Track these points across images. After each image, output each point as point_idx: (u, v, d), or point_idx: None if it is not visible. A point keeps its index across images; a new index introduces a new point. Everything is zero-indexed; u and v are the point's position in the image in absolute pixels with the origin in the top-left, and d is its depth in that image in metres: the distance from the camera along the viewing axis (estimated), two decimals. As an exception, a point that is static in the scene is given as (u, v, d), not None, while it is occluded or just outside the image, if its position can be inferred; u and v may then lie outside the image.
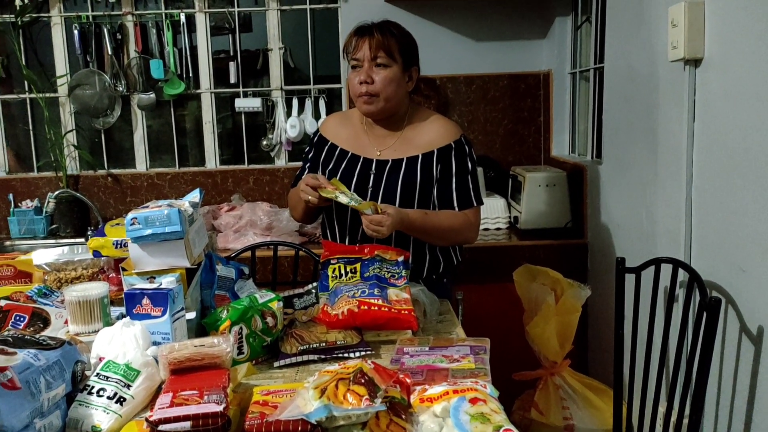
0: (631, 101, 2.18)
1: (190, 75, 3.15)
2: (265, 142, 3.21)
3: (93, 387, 1.10)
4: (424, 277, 1.88)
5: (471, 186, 1.86)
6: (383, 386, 1.06)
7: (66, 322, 1.36)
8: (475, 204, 1.86)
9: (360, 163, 1.88)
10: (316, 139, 1.98)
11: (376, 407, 0.99)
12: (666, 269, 1.74)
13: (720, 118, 1.63)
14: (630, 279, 1.84)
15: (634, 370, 1.79)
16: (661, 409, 1.75)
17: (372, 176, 1.85)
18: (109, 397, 1.09)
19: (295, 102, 3.16)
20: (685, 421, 1.57)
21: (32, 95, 3.13)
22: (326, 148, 1.94)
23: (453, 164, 1.85)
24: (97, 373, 1.13)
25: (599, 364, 2.55)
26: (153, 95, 3.15)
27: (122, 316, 1.31)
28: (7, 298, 1.40)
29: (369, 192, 1.84)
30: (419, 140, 1.87)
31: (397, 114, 1.88)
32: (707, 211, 1.70)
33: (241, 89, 3.19)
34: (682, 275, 1.72)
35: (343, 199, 1.69)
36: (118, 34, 3.11)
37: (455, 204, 1.83)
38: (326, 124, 2.01)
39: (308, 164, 1.96)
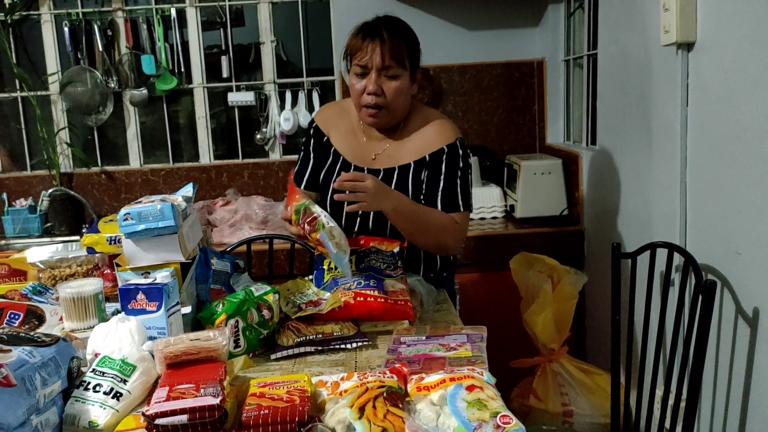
0: (624, 87, 2.17)
1: (182, 70, 3.14)
2: (259, 136, 3.20)
3: (89, 383, 1.10)
4: (422, 274, 1.82)
5: (459, 189, 1.75)
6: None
7: (61, 319, 1.35)
8: (461, 209, 1.74)
9: (352, 172, 1.80)
10: (312, 130, 1.91)
11: None
12: (661, 253, 1.75)
13: (713, 102, 1.63)
14: (626, 264, 1.84)
15: (631, 355, 1.79)
16: (659, 392, 1.75)
17: None
18: (105, 393, 1.09)
19: (288, 95, 3.15)
20: (683, 404, 1.57)
21: (23, 94, 3.11)
22: (323, 141, 1.88)
23: (443, 167, 1.75)
24: (93, 369, 1.12)
25: (597, 349, 2.56)
26: (145, 91, 3.13)
27: (117, 311, 1.31)
28: (1, 296, 1.40)
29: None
30: (414, 144, 1.79)
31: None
32: (702, 194, 1.70)
33: (233, 83, 3.18)
34: (677, 259, 1.72)
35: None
36: (108, 30, 3.09)
37: (438, 205, 1.74)
38: (323, 114, 1.93)
39: (311, 155, 1.89)
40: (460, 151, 1.77)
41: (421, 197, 1.77)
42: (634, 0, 2.01)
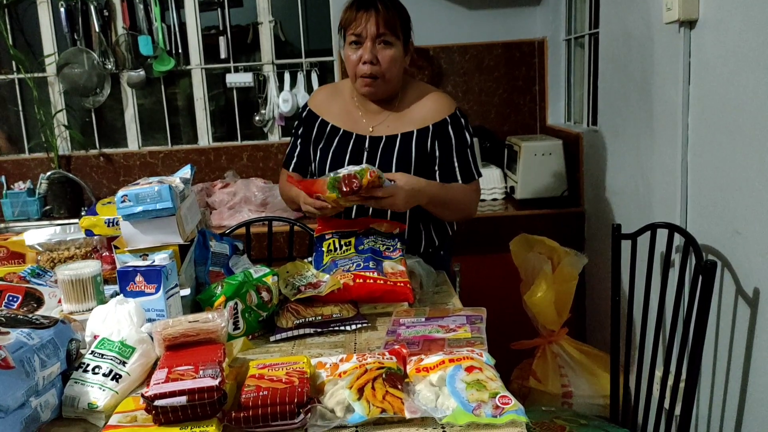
0: (626, 66, 2.15)
1: (180, 51, 3.11)
2: (257, 118, 3.18)
3: (88, 365, 1.10)
4: (421, 252, 1.86)
5: (471, 159, 1.83)
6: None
7: (60, 301, 1.35)
8: (476, 177, 1.84)
9: (352, 141, 1.83)
10: (305, 114, 1.92)
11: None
12: (662, 234, 1.74)
13: (715, 81, 1.61)
14: (626, 245, 1.84)
15: (631, 336, 1.80)
16: (658, 373, 1.76)
17: (365, 153, 1.81)
18: (104, 375, 1.09)
19: (287, 76, 3.12)
20: (682, 384, 1.57)
21: (20, 76, 3.08)
22: (317, 124, 1.89)
23: (453, 139, 1.80)
24: (92, 351, 1.12)
25: (597, 331, 2.57)
26: (143, 72, 3.11)
27: (116, 294, 1.30)
28: (0, 278, 1.40)
29: None
30: (413, 115, 1.82)
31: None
32: (703, 174, 1.69)
33: (232, 64, 3.15)
34: (677, 239, 1.71)
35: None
36: (105, 10, 3.06)
37: (459, 179, 1.80)
38: (315, 98, 1.95)
39: (299, 140, 1.91)
40: (462, 120, 1.84)
41: (435, 168, 1.81)
42: (637, -22, 1.99)
